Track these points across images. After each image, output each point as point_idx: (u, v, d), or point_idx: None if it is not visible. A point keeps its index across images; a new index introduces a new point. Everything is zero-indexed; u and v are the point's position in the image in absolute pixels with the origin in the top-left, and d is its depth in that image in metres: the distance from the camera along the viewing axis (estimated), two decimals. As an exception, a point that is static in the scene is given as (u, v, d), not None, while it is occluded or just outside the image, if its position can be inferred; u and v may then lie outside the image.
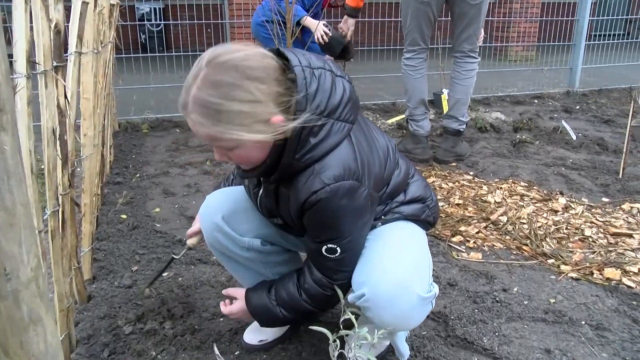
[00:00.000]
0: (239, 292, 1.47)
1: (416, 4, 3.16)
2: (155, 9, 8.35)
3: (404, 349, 1.45)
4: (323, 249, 1.22)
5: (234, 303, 1.47)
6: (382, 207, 1.35)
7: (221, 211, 1.41)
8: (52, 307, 0.68)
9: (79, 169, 1.96)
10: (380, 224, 1.35)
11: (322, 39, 3.50)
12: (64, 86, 1.35)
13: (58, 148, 1.37)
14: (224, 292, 1.53)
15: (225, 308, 1.49)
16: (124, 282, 1.96)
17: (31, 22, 1.17)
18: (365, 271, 1.25)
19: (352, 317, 1.14)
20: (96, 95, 2.00)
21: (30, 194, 1.17)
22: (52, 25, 1.27)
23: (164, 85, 4.96)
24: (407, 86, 3.42)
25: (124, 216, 2.55)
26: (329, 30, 3.54)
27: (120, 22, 4.55)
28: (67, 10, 1.35)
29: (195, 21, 5.12)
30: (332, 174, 1.14)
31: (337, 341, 1.16)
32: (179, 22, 4.77)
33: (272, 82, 1.10)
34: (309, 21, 3.56)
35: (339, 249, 1.21)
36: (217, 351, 1.36)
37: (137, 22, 5.10)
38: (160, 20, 7.58)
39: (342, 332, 1.14)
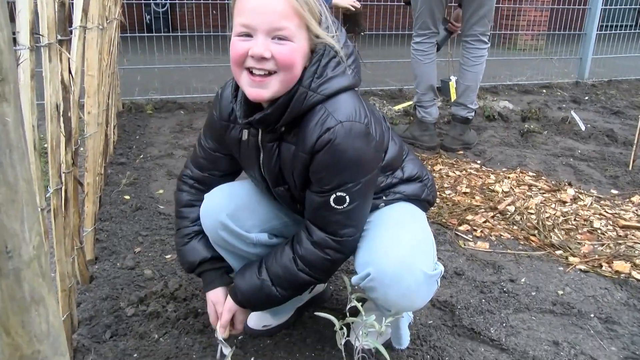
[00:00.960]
0: (214, 297, 1.40)
1: None
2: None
3: (405, 337, 1.43)
4: (331, 199, 1.17)
5: (223, 312, 1.37)
6: (384, 180, 1.33)
7: (225, 209, 1.35)
8: (54, 287, 0.65)
9: (82, 148, 1.93)
10: (382, 204, 1.33)
11: (353, 6, 3.44)
12: (69, 61, 1.31)
13: (62, 124, 1.34)
14: (212, 322, 1.43)
15: (217, 322, 1.39)
16: (127, 263, 1.94)
17: (35, -7, 1.13)
18: (368, 251, 1.22)
19: (359, 305, 1.11)
20: (101, 72, 1.96)
21: (32, 171, 1.14)
22: (57, -2, 1.22)
23: (169, 66, 4.91)
24: (416, 71, 3.37)
25: (127, 197, 2.52)
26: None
27: (126, 1, 4.49)
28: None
29: (202, 1, 5.05)
30: (346, 113, 1.13)
31: (344, 328, 1.13)
32: (185, 1, 4.68)
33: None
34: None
35: (348, 198, 1.17)
36: (219, 336, 1.33)
37: (143, 1, 5.01)
38: (165, 0, 7.50)
39: (349, 319, 1.12)
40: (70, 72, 1.35)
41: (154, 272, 1.89)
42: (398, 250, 1.20)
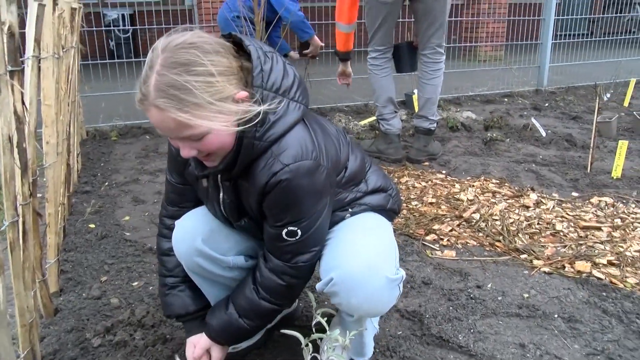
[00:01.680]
0: (194, 339, 1.43)
1: (379, 6, 3.18)
2: (123, 15, 8.22)
3: (369, 348, 1.44)
4: (283, 233, 1.20)
5: (196, 347, 1.40)
6: (347, 195, 1.35)
7: (199, 234, 1.34)
8: (4, 324, 0.63)
9: (44, 179, 1.90)
10: (348, 215, 1.35)
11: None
12: (21, 92, 1.30)
13: (16, 156, 1.32)
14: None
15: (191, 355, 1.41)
16: (93, 293, 1.91)
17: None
18: (332, 258, 1.25)
19: (323, 320, 1.12)
20: (59, 101, 1.94)
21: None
22: (5, 28, 1.22)
23: (134, 92, 4.86)
24: (374, 85, 3.44)
25: (92, 225, 2.48)
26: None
27: (85, 28, 4.46)
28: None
29: (164, 26, 5.05)
30: (291, 154, 1.13)
31: (310, 345, 1.13)
32: (147, 27, 4.67)
33: (230, 56, 1.10)
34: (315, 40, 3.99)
35: (299, 232, 1.19)
36: None
37: (104, 28, 4.99)
38: (128, 27, 7.48)
39: (315, 335, 1.12)
40: (23, 103, 1.34)
41: (121, 301, 1.86)
42: (360, 255, 1.22)
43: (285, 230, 1.20)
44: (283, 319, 1.67)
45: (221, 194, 1.30)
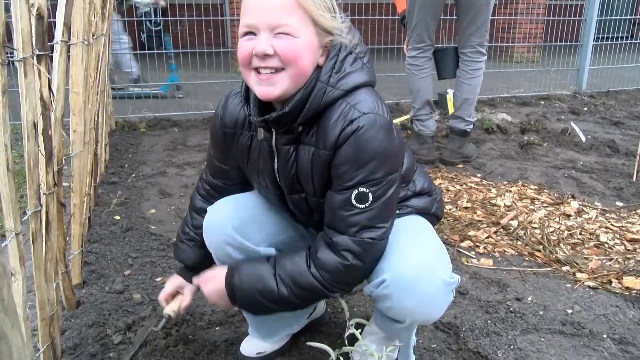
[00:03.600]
0: (181, 282, 1.43)
1: None
2: (155, 8, 8.24)
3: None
4: (353, 196, 1.09)
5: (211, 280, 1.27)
6: (398, 192, 1.27)
7: (230, 221, 1.27)
8: (17, 322, 0.57)
9: (67, 168, 1.86)
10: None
11: None
12: (48, 78, 1.24)
13: (41, 143, 1.26)
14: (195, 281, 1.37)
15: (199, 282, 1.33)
16: (115, 287, 1.86)
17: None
18: (383, 259, 1.15)
19: (357, 332, 1.03)
20: (87, 89, 1.89)
21: (5, 193, 1.06)
22: (34, 10, 1.16)
23: (164, 84, 4.85)
24: (412, 86, 3.32)
25: (117, 217, 2.44)
26: None
27: (118, 19, 4.45)
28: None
29: (195, 18, 5.03)
30: (368, 106, 1.10)
31: (341, 358, 1.05)
32: (178, 18, 4.65)
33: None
34: None
35: (370, 195, 1.10)
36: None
37: (136, 19, 4.99)
38: (160, 21, 7.49)
39: (346, 348, 1.04)
40: (50, 89, 1.28)
41: (143, 297, 1.80)
42: (418, 254, 1.14)
43: (355, 191, 1.10)
44: (309, 324, 1.59)
45: (275, 161, 1.21)
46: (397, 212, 1.28)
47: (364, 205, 1.10)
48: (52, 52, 1.40)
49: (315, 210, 1.24)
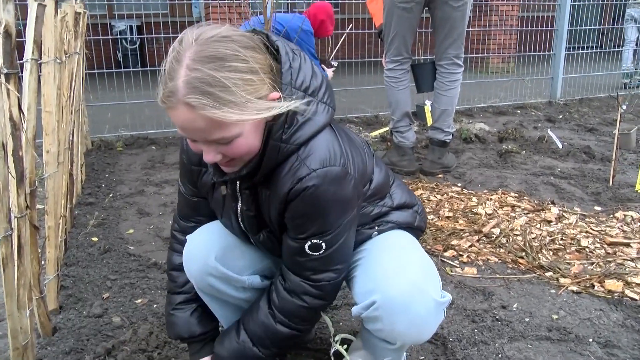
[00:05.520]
0: None
1: (398, 12, 3.08)
2: (131, 26, 8.21)
3: None
4: (306, 246, 1.09)
5: None
6: (372, 209, 1.25)
7: (213, 252, 1.23)
8: None
9: (41, 190, 1.81)
10: (375, 232, 1.24)
11: None
12: (17, 97, 1.21)
13: (11, 165, 1.22)
14: None
15: None
16: (94, 311, 1.80)
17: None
18: (371, 279, 1.13)
19: (342, 349, 1.01)
20: (60, 108, 1.85)
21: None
22: (1, 28, 1.13)
23: (140, 102, 4.80)
24: (390, 98, 3.33)
25: (95, 239, 2.38)
26: None
27: (93, 37, 4.41)
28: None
29: (171, 35, 5.01)
30: (319, 159, 1.03)
31: (329, 376, 1.02)
32: (154, 35, 4.61)
33: (263, 52, 1.00)
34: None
35: (324, 245, 1.09)
36: None
37: (111, 37, 4.94)
38: (136, 39, 7.46)
39: (334, 364, 1.01)
40: (20, 108, 1.25)
41: (123, 320, 1.75)
42: (407, 275, 1.11)
43: (308, 243, 1.09)
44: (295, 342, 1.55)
45: (239, 205, 1.19)
46: (378, 228, 1.26)
47: (318, 254, 1.10)
48: (22, 71, 1.37)
49: (279, 244, 1.22)
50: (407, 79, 3.29)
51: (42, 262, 1.74)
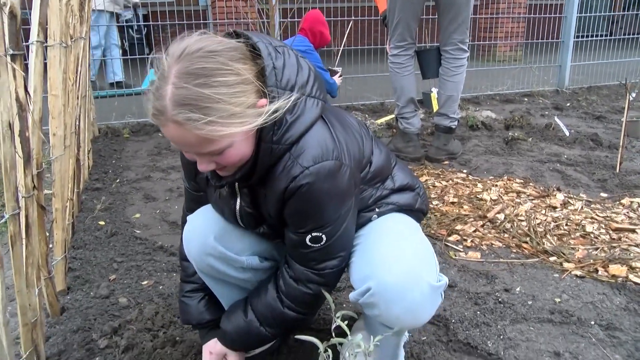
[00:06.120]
0: (210, 345, 1.37)
1: None
2: (137, 15, 8.20)
3: (400, 358, 1.33)
4: (307, 239, 1.11)
5: (212, 353, 1.36)
6: (373, 193, 1.26)
7: (212, 232, 1.26)
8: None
9: (48, 176, 1.83)
10: (375, 215, 1.25)
11: None
12: (23, 76, 1.22)
13: (18, 145, 1.24)
14: None
15: None
16: (101, 292, 1.83)
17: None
18: (367, 265, 1.14)
19: (343, 325, 1.02)
20: (66, 92, 1.86)
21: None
22: (6, 9, 1.14)
23: (147, 89, 4.82)
24: (395, 84, 3.32)
25: (102, 223, 2.41)
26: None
27: (99, 25, 4.42)
28: None
29: (177, 22, 5.00)
30: (311, 156, 1.04)
31: (329, 351, 1.03)
32: (160, 23, 4.61)
33: (249, 61, 1.01)
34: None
35: (324, 237, 1.11)
36: None
37: (117, 24, 4.95)
38: (143, 27, 7.45)
39: (334, 340, 1.02)
40: (26, 90, 1.26)
41: (130, 300, 1.78)
42: (402, 261, 1.12)
43: (309, 236, 1.11)
44: (299, 322, 1.58)
45: (238, 202, 1.21)
46: (378, 210, 1.27)
47: (319, 245, 1.13)
48: (28, 54, 1.38)
49: (279, 236, 1.24)
50: (412, 65, 3.28)
51: (50, 245, 1.77)
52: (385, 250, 1.14)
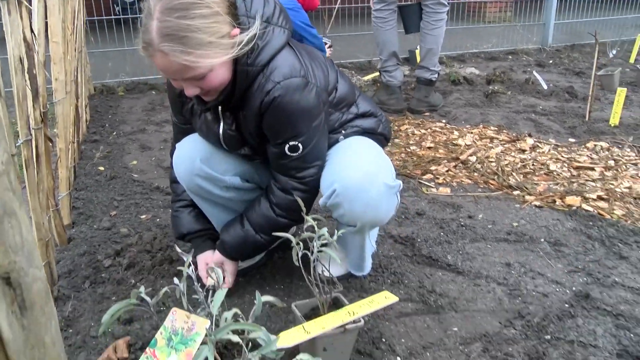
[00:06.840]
0: (205, 256, 1.54)
1: None
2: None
3: (367, 263, 1.54)
4: (286, 148, 1.30)
5: (208, 263, 1.52)
6: (339, 116, 1.44)
7: (198, 154, 1.44)
8: (23, 205, 0.65)
9: (52, 131, 1.98)
10: (342, 137, 1.43)
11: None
12: (29, 19, 1.37)
13: (27, 79, 1.40)
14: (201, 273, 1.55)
15: (207, 278, 1.51)
16: (103, 224, 2.01)
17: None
18: (333, 172, 1.34)
19: (312, 221, 1.20)
20: (65, 41, 2.01)
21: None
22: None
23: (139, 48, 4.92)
24: (378, 39, 3.46)
25: (101, 168, 2.58)
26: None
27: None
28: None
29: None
30: (281, 73, 1.24)
31: (301, 244, 1.22)
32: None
33: None
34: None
35: (300, 145, 1.30)
36: (178, 250, 1.32)
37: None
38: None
39: (305, 234, 1.21)
40: (32, 30, 1.41)
41: (130, 230, 1.96)
42: (361, 165, 1.32)
43: (287, 145, 1.30)
44: (281, 244, 1.77)
45: (221, 126, 1.38)
46: (344, 132, 1.46)
47: (297, 154, 1.32)
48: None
49: (258, 154, 1.43)
50: (394, 20, 3.41)
51: (55, 181, 1.94)
52: (348, 159, 1.34)
